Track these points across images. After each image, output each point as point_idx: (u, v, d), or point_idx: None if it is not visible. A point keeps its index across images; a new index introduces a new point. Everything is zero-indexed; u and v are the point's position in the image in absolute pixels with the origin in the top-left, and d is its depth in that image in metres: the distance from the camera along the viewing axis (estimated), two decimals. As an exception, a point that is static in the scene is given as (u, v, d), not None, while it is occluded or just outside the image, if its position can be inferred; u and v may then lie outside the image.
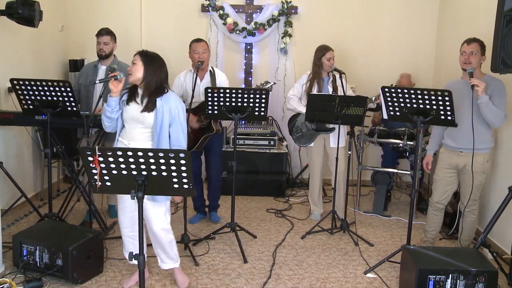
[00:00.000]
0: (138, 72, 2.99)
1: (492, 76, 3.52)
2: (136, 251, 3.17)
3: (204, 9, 5.76)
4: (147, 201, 3.00)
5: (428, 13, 5.75)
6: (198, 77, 4.22)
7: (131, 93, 3.07)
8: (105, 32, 4.25)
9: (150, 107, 3.00)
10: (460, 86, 3.56)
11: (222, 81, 4.27)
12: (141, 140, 3.05)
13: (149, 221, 3.09)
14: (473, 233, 3.85)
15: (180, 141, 3.08)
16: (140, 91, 3.06)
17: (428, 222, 3.92)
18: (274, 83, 4.18)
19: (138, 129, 3.05)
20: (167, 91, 3.07)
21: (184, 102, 3.40)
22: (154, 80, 3.01)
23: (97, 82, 3.07)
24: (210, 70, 4.27)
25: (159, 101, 3.01)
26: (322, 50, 4.44)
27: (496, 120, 3.44)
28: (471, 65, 3.49)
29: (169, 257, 3.20)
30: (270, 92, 3.85)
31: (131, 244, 3.20)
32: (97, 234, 3.45)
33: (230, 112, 3.78)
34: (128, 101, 3.07)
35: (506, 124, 3.96)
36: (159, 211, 3.09)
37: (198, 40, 4.21)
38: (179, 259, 3.26)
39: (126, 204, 3.11)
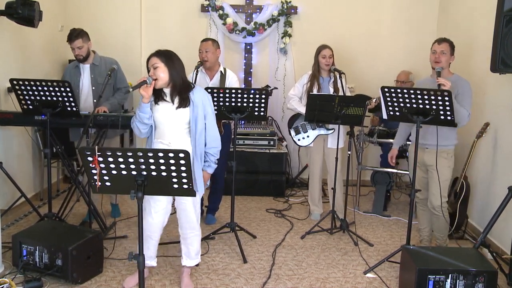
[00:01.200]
0: (164, 74, 2.96)
1: (460, 76, 3.58)
2: (154, 253, 3.25)
3: (204, 9, 5.76)
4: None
5: (428, 13, 5.75)
6: (207, 76, 4.26)
7: (156, 94, 3.03)
8: (74, 36, 4.05)
9: (184, 103, 3.02)
10: (429, 84, 3.60)
11: (232, 83, 4.25)
12: (180, 138, 3.07)
13: (188, 212, 3.14)
14: (447, 230, 3.86)
15: (216, 132, 3.17)
16: (166, 91, 3.04)
17: (419, 220, 3.96)
18: (275, 88, 4.18)
19: (174, 127, 3.05)
20: (194, 86, 3.11)
21: None
22: (180, 77, 3.02)
23: (130, 90, 3.00)
24: (221, 71, 4.27)
25: (192, 95, 3.04)
26: (319, 48, 4.47)
27: (459, 119, 3.44)
28: (441, 64, 3.56)
29: (198, 251, 3.27)
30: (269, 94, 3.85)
31: (153, 246, 3.25)
32: (97, 234, 3.45)
33: (230, 112, 3.78)
34: (156, 102, 3.04)
35: (506, 125, 3.97)
36: (195, 199, 3.14)
37: (204, 40, 4.24)
38: (198, 257, 3.32)
39: (162, 207, 3.14)
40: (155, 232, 3.19)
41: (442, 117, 3.30)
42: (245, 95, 3.72)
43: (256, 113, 3.80)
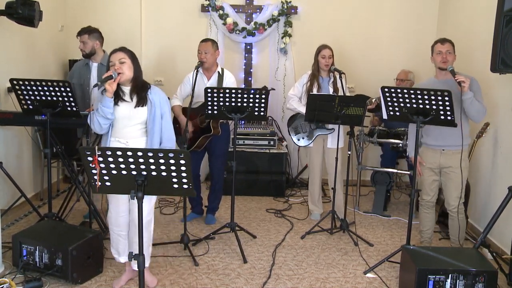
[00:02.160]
0: (130, 70, 3.00)
1: (465, 73, 3.55)
2: (125, 250, 3.19)
3: (204, 9, 5.76)
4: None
5: (428, 13, 5.75)
6: (204, 77, 4.25)
7: (115, 93, 3.01)
8: (83, 31, 4.21)
9: (142, 101, 3.03)
10: (435, 85, 3.57)
11: (230, 83, 4.26)
12: (137, 137, 3.06)
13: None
14: (464, 232, 3.85)
15: (171, 133, 3.14)
16: (126, 89, 3.06)
17: (422, 222, 3.93)
18: (273, 89, 4.19)
19: (131, 126, 3.05)
20: (150, 85, 3.12)
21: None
22: (141, 75, 3.08)
23: (99, 84, 3.03)
24: (218, 71, 4.27)
25: (149, 94, 3.05)
26: (319, 48, 4.47)
27: (479, 114, 3.49)
28: (449, 63, 3.54)
29: (147, 254, 3.20)
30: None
31: (121, 243, 3.20)
32: (97, 234, 3.45)
33: (230, 112, 3.78)
34: (116, 102, 3.03)
35: (506, 125, 3.97)
36: (149, 204, 3.11)
37: (203, 40, 4.26)
38: (149, 258, 3.27)
39: (120, 202, 3.11)
40: (117, 227, 3.16)
41: (442, 117, 3.29)
42: (245, 95, 3.71)
43: (256, 113, 3.80)
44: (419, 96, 3.27)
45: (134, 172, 2.24)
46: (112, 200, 3.15)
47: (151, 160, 2.20)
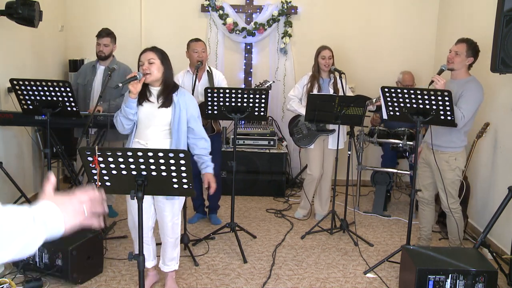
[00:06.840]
0: (158, 71, 2.94)
1: (476, 81, 3.52)
2: (150, 255, 3.15)
3: (204, 9, 5.75)
4: (162, 198, 3.02)
5: (428, 13, 5.75)
6: (195, 76, 4.23)
7: (141, 93, 2.96)
8: (105, 33, 4.22)
9: (167, 103, 2.98)
10: (448, 85, 3.54)
11: (220, 80, 4.26)
12: (159, 139, 2.99)
13: (163, 217, 3.07)
14: (462, 232, 3.84)
15: (204, 133, 3.12)
16: (154, 90, 3.00)
17: (420, 219, 3.95)
18: (273, 81, 4.18)
19: (154, 127, 2.99)
20: (179, 87, 3.07)
21: None
22: (171, 76, 3.02)
23: (120, 85, 2.96)
24: (207, 70, 4.27)
25: (175, 96, 3.00)
26: (318, 49, 4.47)
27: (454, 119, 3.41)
28: (453, 64, 3.52)
29: (172, 258, 3.18)
30: (269, 92, 3.84)
31: (146, 249, 3.05)
32: (97, 234, 3.44)
33: (230, 112, 3.78)
34: (140, 102, 2.98)
35: (506, 125, 3.97)
36: (174, 206, 3.07)
37: (197, 40, 4.21)
38: (178, 262, 3.25)
39: (145, 205, 2.97)
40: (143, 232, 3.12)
41: (442, 117, 3.30)
42: (245, 95, 3.71)
43: (256, 113, 3.80)
44: (419, 96, 3.27)
45: (134, 172, 2.24)
46: (132, 203, 3.00)
47: (151, 160, 2.20)
